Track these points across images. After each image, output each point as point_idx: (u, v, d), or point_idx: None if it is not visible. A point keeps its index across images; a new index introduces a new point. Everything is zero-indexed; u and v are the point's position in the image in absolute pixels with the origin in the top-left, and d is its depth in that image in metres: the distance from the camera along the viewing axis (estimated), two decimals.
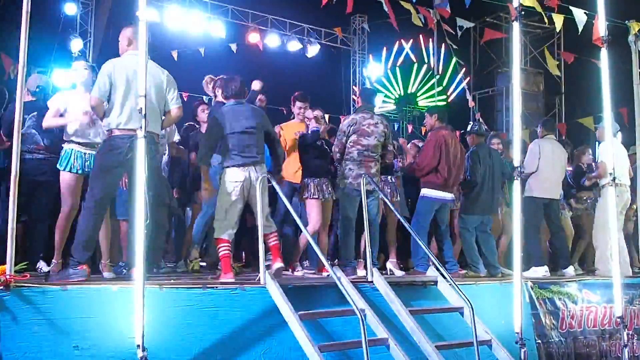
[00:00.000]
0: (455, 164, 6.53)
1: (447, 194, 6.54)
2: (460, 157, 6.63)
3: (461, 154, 6.67)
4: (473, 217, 6.81)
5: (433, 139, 6.56)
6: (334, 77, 15.74)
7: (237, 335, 4.38)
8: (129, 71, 4.70)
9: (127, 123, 4.67)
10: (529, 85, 15.45)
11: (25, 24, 3.96)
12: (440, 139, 6.50)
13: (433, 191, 6.47)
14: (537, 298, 6.08)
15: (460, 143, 6.84)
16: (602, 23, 6.04)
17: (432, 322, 5.06)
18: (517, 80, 5.64)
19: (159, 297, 4.16)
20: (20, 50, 3.94)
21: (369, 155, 6.00)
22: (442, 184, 6.45)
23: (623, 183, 7.37)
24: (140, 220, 3.89)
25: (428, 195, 6.49)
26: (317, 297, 4.79)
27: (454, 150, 6.55)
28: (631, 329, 6.41)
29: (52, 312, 3.86)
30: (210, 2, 12.98)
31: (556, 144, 7.71)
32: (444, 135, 6.54)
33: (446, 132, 6.64)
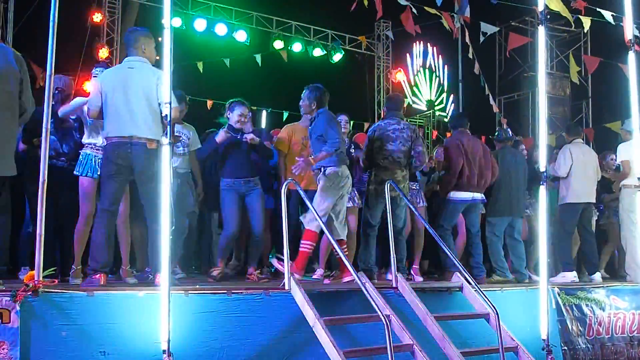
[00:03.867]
0: (477, 164, 6.53)
1: (474, 193, 6.54)
2: (483, 157, 6.62)
3: (484, 154, 6.66)
4: (500, 220, 6.78)
5: (448, 146, 6.68)
6: (358, 83, 15.75)
7: (262, 341, 4.41)
8: (114, 79, 4.83)
9: (114, 131, 4.77)
10: (555, 90, 15.29)
11: (52, 33, 4.03)
12: (456, 142, 6.55)
13: (458, 193, 6.49)
14: (563, 304, 6.02)
15: (483, 144, 6.84)
16: (629, 25, 5.98)
17: (457, 328, 5.03)
18: (542, 85, 5.60)
19: (185, 302, 4.20)
20: (48, 58, 4.00)
21: (395, 161, 6.02)
22: (465, 184, 6.46)
23: None
24: (166, 226, 3.94)
25: (453, 197, 6.51)
26: (342, 303, 4.79)
27: (474, 151, 6.55)
28: None
29: (80, 317, 3.91)
30: (234, 9, 13.10)
31: (585, 147, 7.66)
32: (460, 139, 6.58)
33: (462, 135, 6.66)
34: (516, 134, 12.35)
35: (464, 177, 6.48)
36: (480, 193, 6.64)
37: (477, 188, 6.58)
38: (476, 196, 6.57)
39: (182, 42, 11.72)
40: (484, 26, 10.00)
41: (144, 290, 4.20)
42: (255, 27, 13.37)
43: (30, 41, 9.68)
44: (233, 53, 12.78)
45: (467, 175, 6.47)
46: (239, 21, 13.10)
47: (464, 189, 6.50)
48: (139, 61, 4.94)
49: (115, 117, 4.79)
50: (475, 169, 6.53)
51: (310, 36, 14.05)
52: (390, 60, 15.92)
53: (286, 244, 4.73)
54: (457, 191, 6.51)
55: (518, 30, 14.10)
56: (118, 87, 4.80)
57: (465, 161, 6.48)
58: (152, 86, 4.81)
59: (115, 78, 4.88)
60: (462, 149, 6.50)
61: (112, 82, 4.85)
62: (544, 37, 5.56)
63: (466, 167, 6.47)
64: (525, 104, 15.44)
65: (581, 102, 15.77)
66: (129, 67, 4.91)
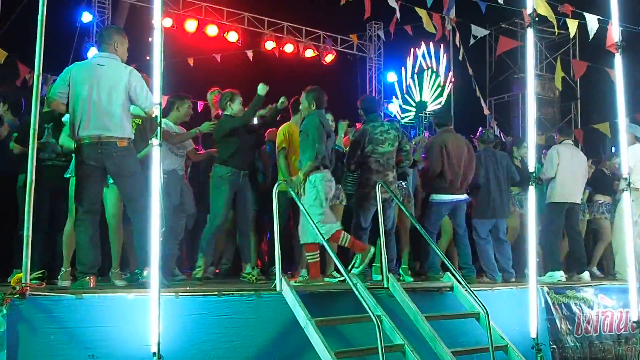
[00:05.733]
0: (460, 164, 6.56)
1: (457, 195, 6.57)
2: (467, 158, 6.65)
3: (468, 154, 6.69)
4: (483, 222, 6.83)
5: (432, 145, 6.66)
6: (350, 84, 15.78)
7: (253, 342, 4.41)
8: (82, 74, 4.75)
9: (82, 130, 4.71)
10: (544, 91, 15.40)
11: (40, 33, 4.00)
12: (440, 142, 6.57)
13: (441, 195, 6.52)
14: (553, 303, 6.07)
15: (467, 143, 6.87)
16: (616, 29, 6.05)
17: (448, 328, 5.04)
18: (531, 87, 5.64)
19: (175, 304, 4.19)
20: (36, 59, 3.97)
21: (385, 163, 6.06)
22: (448, 186, 6.50)
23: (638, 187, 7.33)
24: (156, 228, 3.91)
25: (436, 199, 6.55)
26: (334, 304, 4.80)
27: (457, 151, 6.57)
28: None
29: (68, 320, 3.88)
30: (226, 9, 13.10)
31: (575, 149, 7.74)
32: (444, 138, 6.60)
33: (447, 134, 6.69)
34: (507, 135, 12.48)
35: (446, 180, 6.50)
36: (464, 194, 6.67)
37: (460, 189, 6.62)
38: (459, 197, 6.61)
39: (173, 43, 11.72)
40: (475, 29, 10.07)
41: (134, 293, 4.18)
42: (246, 27, 13.38)
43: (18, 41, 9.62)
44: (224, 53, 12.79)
45: (449, 177, 6.49)
46: (230, 22, 13.11)
47: (447, 191, 6.53)
48: (109, 57, 4.86)
49: (83, 115, 4.70)
50: (460, 169, 6.56)
51: (302, 37, 14.07)
52: (382, 61, 15.97)
53: (277, 245, 4.74)
54: (440, 194, 6.54)
55: (508, 32, 14.20)
56: (86, 83, 4.71)
57: (448, 163, 6.50)
58: (123, 83, 4.75)
59: (83, 74, 4.77)
60: (445, 151, 6.52)
61: (80, 77, 4.75)
62: (532, 40, 5.60)
63: (448, 169, 6.49)
64: (516, 105, 15.54)
65: (570, 103, 15.89)
66: (98, 64, 4.82)
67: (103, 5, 12.31)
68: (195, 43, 12.75)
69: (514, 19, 14.88)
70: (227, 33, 12.93)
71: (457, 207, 6.66)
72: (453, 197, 6.54)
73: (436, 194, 6.54)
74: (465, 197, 6.72)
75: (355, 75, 15.81)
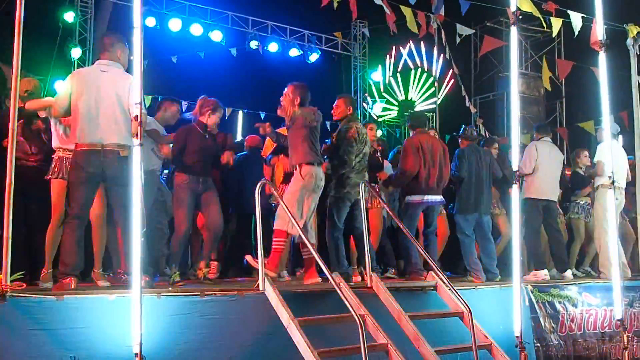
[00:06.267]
0: (435, 164, 6.56)
1: (432, 196, 6.57)
2: (443, 157, 6.65)
3: (444, 154, 6.69)
4: (466, 218, 6.83)
5: (408, 146, 6.65)
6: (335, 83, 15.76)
7: (236, 342, 4.40)
8: (85, 81, 4.72)
9: (84, 137, 4.67)
10: (529, 90, 15.48)
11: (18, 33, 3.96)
12: (415, 144, 6.56)
13: (416, 196, 6.52)
14: (537, 301, 6.09)
15: (442, 143, 6.87)
16: (600, 27, 6.07)
17: (432, 327, 5.04)
18: (515, 85, 5.65)
19: (157, 305, 4.17)
20: (14, 59, 3.93)
21: (364, 163, 6.05)
22: (423, 187, 6.50)
23: (619, 186, 7.38)
24: (137, 229, 3.89)
25: (411, 200, 6.54)
26: (317, 304, 4.79)
27: (432, 151, 6.57)
28: (631, 332, 6.43)
29: (49, 322, 3.85)
30: (210, 8, 13.02)
31: (553, 146, 7.78)
32: (419, 139, 6.60)
33: (421, 136, 6.69)
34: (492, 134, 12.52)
35: (422, 180, 6.49)
36: (439, 195, 6.67)
37: (437, 190, 6.61)
38: (434, 198, 6.60)
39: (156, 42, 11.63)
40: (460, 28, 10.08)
41: (115, 293, 4.15)
42: (231, 27, 13.31)
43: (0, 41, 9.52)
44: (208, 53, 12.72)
45: (424, 178, 6.49)
46: (214, 21, 13.04)
47: (421, 192, 6.52)
48: (112, 65, 4.86)
49: (86, 121, 4.67)
50: (435, 170, 6.55)
51: (287, 36, 14.03)
52: (367, 61, 15.96)
53: (260, 244, 4.72)
54: (415, 194, 6.54)
55: (493, 31, 14.25)
56: (89, 90, 4.69)
57: (424, 164, 6.49)
58: (126, 91, 4.72)
59: (87, 80, 4.77)
60: (421, 152, 6.51)
61: (83, 84, 4.74)
62: (516, 38, 5.61)
63: (423, 170, 6.49)
64: (501, 104, 15.60)
65: (555, 102, 15.97)
66: (102, 70, 4.81)
67: (86, 4, 12.15)
68: (179, 42, 12.66)
69: (499, 18, 14.93)
70: (211, 32, 12.85)
71: (431, 207, 6.65)
72: (428, 197, 6.53)
73: (412, 195, 6.53)
74: (441, 199, 6.70)
75: (340, 74, 15.79)
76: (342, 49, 15.29)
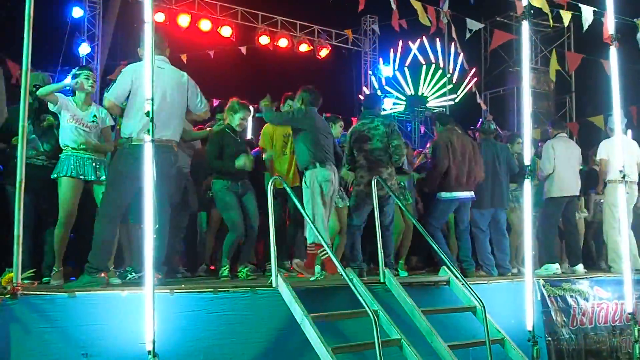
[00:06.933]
0: (465, 161, 6.57)
1: (464, 192, 6.57)
2: (472, 153, 6.65)
3: (473, 150, 6.69)
4: (482, 213, 6.84)
5: (437, 143, 6.66)
6: (345, 79, 15.75)
7: (249, 338, 4.39)
8: None
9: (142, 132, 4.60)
10: (539, 84, 15.41)
11: (28, 29, 3.96)
12: (445, 140, 6.57)
13: (447, 193, 6.52)
14: (548, 296, 6.09)
15: (471, 140, 6.87)
16: (611, 21, 6.04)
17: (445, 322, 5.03)
18: (527, 80, 5.63)
19: (170, 302, 4.16)
20: (24, 54, 3.92)
21: (376, 159, 6.03)
22: (455, 184, 6.50)
23: (632, 181, 7.35)
24: (150, 225, 3.87)
25: (443, 197, 6.54)
26: (330, 299, 4.78)
27: (462, 148, 6.58)
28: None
29: (61, 319, 3.84)
30: (219, 3, 13.04)
31: (569, 141, 7.76)
32: (448, 137, 6.61)
33: (451, 132, 6.70)
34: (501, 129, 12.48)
35: (452, 177, 6.48)
36: (470, 191, 6.65)
37: (467, 186, 6.59)
38: (465, 195, 6.60)
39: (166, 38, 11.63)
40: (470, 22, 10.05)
41: (127, 290, 4.14)
42: (240, 22, 13.32)
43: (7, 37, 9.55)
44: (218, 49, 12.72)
45: (455, 174, 6.48)
46: (223, 16, 13.05)
47: (453, 189, 6.52)
48: (165, 62, 4.94)
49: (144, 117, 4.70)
50: (465, 167, 6.54)
51: (297, 31, 14.02)
52: (377, 56, 15.94)
53: (273, 242, 4.74)
54: (447, 191, 6.54)
55: (503, 26, 14.19)
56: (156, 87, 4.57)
57: (454, 161, 6.48)
58: (182, 87, 4.93)
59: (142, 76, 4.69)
60: (451, 148, 6.52)
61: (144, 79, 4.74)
62: (527, 33, 5.58)
63: (454, 167, 6.48)
64: (511, 99, 15.54)
65: (565, 96, 15.90)
66: (159, 67, 4.81)
67: (94, 0, 12.21)
68: (188, 38, 12.68)
69: (508, 12, 14.87)
70: (220, 28, 12.87)
71: (463, 204, 6.66)
72: (460, 194, 6.53)
73: (444, 192, 6.53)
74: (472, 196, 6.70)
75: (350, 70, 15.79)
76: (353, 44, 15.28)
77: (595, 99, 12.73)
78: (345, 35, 14.76)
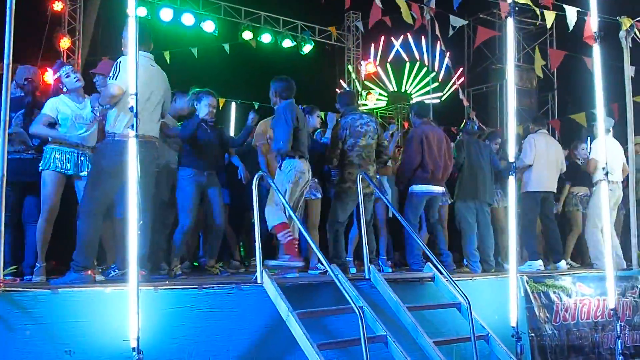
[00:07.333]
0: (440, 156, 6.58)
1: (437, 187, 6.60)
2: (446, 150, 6.67)
3: (447, 146, 6.72)
4: (468, 205, 6.88)
5: (413, 136, 6.64)
6: (328, 75, 15.73)
7: (234, 335, 4.37)
8: (144, 73, 4.63)
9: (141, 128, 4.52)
10: (522, 82, 15.50)
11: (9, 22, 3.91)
12: (420, 134, 6.56)
13: (421, 186, 6.53)
14: (532, 292, 6.12)
15: (445, 135, 6.88)
16: (594, 20, 6.09)
17: (430, 318, 5.06)
18: (511, 77, 5.64)
19: (154, 298, 4.13)
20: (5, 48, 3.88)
21: (366, 156, 6.02)
22: (430, 178, 6.51)
23: (615, 180, 7.42)
24: (134, 222, 3.84)
25: (417, 190, 6.54)
26: (315, 296, 4.77)
27: (438, 144, 6.58)
28: (623, 321, 6.48)
29: (44, 316, 3.80)
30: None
31: (550, 138, 7.82)
32: (424, 130, 6.60)
33: (427, 126, 6.70)
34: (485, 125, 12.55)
35: (428, 170, 6.51)
36: (442, 186, 6.70)
37: (441, 181, 6.64)
38: (438, 190, 6.62)
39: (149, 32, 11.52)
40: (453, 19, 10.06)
41: (111, 287, 4.11)
42: (223, 17, 13.22)
43: None
44: (201, 44, 12.63)
45: (432, 169, 6.50)
46: (206, 11, 12.94)
47: (427, 182, 6.54)
48: (152, 59, 4.92)
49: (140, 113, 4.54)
50: (441, 162, 6.57)
51: (280, 27, 13.96)
52: (360, 52, 15.94)
53: (258, 238, 4.71)
54: (421, 184, 6.55)
55: (486, 23, 14.25)
56: (144, 84, 4.59)
57: (430, 155, 6.50)
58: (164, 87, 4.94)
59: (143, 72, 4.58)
60: (426, 142, 6.52)
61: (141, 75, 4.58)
62: (512, 29, 5.60)
63: (430, 161, 6.49)
64: (494, 96, 15.63)
65: (547, 94, 16.03)
66: (152, 65, 4.86)
67: None
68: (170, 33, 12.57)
69: (492, 10, 14.94)
70: (203, 22, 12.77)
71: (435, 198, 6.68)
72: (433, 188, 6.55)
73: (417, 185, 6.53)
74: (443, 190, 6.74)
75: (334, 66, 15.77)
76: (336, 41, 15.26)
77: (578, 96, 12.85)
78: (329, 32, 14.73)
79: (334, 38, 15.03)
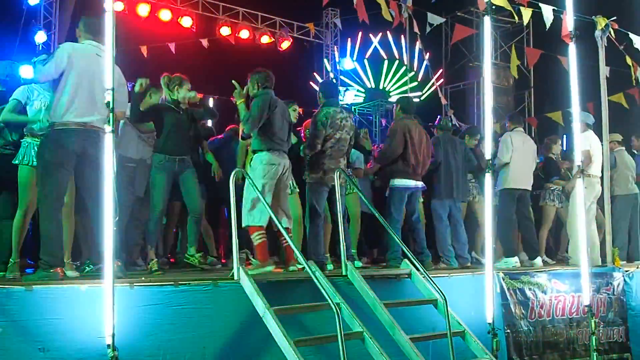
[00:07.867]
0: (421, 151, 6.63)
1: (417, 181, 6.64)
2: (426, 145, 6.74)
3: (427, 142, 6.78)
4: (442, 203, 6.96)
5: (396, 128, 6.67)
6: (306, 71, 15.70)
7: (210, 332, 4.35)
8: (87, 60, 4.59)
9: (80, 116, 4.54)
10: (499, 80, 15.59)
11: None
12: (403, 128, 6.59)
13: (403, 180, 6.55)
14: (508, 289, 6.17)
15: (425, 132, 6.93)
16: (570, 19, 6.15)
17: (406, 315, 5.07)
18: (488, 75, 5.69)
19: (130, 295, 4.10)
20: None
21: (339, 149, 6.02)
22: (411, 172, 6.55)
23: (594, 175, 7.52)
24: (109, 217, 3.81)
25: (398, 185, 6.56)
26: (292, 292, 4.78)
27: (419, 138, 6.65)
28: (598, 317, 6.56)
29: (17, 313, 3.76)
30: None
31: (526, 136, 7.90)
32: (407, 124, 6.63)
33: (409, 121, 6.73)
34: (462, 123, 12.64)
35: (409, 165, 6.54)
36: (420, 182, 6.75)
37: (419, 176, 6.71)
38: (417, 184, 6.69)
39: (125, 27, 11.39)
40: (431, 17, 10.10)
41: (86, 284, 4.06)
42: (201, 12, 13.11)
43: None
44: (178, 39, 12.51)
45: (413, 163, 6.54)
46: (184, 6, 12.82)
47: (409, 177, 6.57)
48: (102, 49, 4.72)
49: (75, 100, 4.54)
50: (421, 157, 6.62)
51: (258, 23, 13.89)
52: (338, 49, 15.93)
53: (235, 234, 4.68)
54: (402, 178, 6.57)
55: (464, 21, 14.32)
56: (86, 71, 4.55)
57: (412, 149, 6.54)
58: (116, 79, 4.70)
59: (85, 60, 4.61)
60: (409, 136, 6.55)
61: (81, 62, 4.59)
62: (489, 28, 5.63)
63: (412, 155, 6.53)
64: (471, 94, 15.72)
65: (524, 92, 16.15)
66: (97, 54, 4.69)
67: None
68: (148, 28, 12.42)
69: (469, 7, 15.01)
70: (180, 18, 12.64)
71: (415, 193, 6.71)
72: (414, 182, 6.60)
73: (398, 179, 6.55)
74: (422, 185, 6.79)
75: (312, 62, 15.74)
76: (314, 37, 15.23)
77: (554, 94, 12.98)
78: (307, 28, 14.68)
79: (312, 35, 14.99)
